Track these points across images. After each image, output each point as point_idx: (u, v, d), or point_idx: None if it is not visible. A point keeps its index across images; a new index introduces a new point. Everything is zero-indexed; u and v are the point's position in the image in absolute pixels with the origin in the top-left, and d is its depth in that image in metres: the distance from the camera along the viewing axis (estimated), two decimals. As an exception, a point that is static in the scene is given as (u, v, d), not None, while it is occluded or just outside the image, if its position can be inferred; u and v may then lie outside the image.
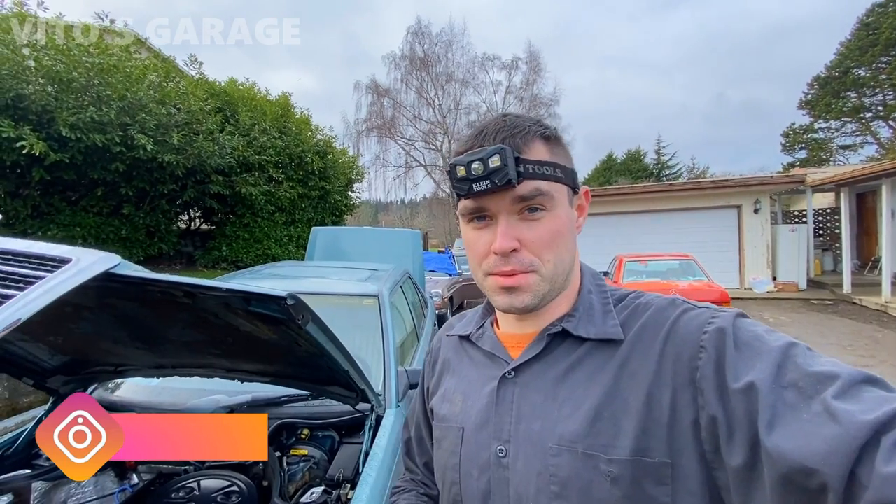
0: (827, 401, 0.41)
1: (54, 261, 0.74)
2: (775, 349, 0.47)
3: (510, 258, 0.59)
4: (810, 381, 0.43)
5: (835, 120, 23.92)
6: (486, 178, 0.56)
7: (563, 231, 0.60)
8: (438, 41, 23.68)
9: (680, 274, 7.01)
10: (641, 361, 0.55)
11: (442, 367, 0.77)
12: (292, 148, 10.71)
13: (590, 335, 0.60)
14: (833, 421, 0.39)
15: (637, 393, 0.54)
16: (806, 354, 0.47)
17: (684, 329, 0.54)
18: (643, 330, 0.58)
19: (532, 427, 0.59)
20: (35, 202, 7.07)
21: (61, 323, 1.27)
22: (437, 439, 0.71)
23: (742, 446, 0.45)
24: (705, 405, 0.49)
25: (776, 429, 0.42)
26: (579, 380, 0.58)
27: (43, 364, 1.49)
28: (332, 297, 2.54)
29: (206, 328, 1.23)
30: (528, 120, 0.62)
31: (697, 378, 0.50)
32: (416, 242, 5.06)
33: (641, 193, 12.49)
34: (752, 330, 0.51)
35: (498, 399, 0.63)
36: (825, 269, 13.74)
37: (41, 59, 6.11)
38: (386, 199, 28.77)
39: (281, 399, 1.73)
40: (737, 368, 0.47)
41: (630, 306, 0.62)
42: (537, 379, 0.61)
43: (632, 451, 0.52)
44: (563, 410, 0.57)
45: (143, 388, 1.89)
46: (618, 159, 34.35)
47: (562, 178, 0.60)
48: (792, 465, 0.39)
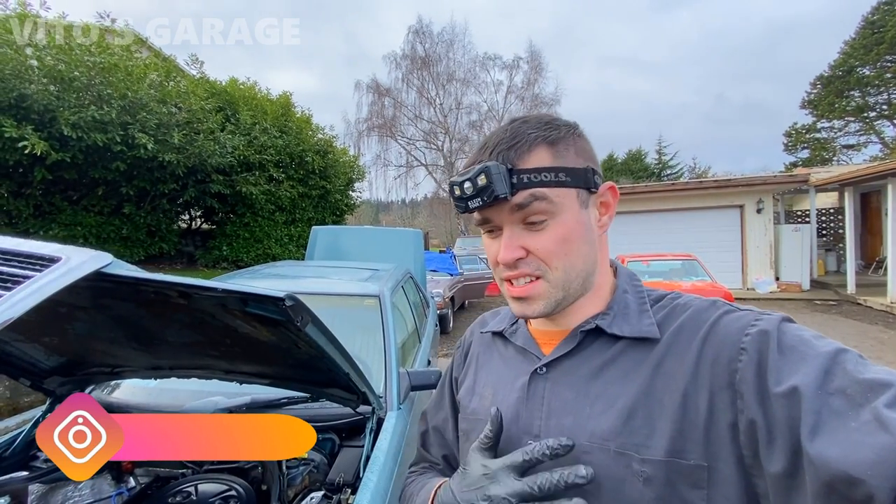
0: (878, 409, 0.39)
1: (43, 259, 0.71)
2: (823, 354, 0.45)
3: (517, 265, 0.60)
4: (860, 389, 0.41)
5: (838, 119, 23.81)
6: (477, 196, 0.58)
7: (570, 237, 0.59)
8: (440, 40, 23.70)
9: (683, 274, 6.98)
10: (678, 362, 0.54)
11: (471, 361, 0.78)
12: (293, 147, 10.71)
13: (624, 333, 0.59)
14: (883, 430, 0.37)
15: (673, 393, 0.53)
16: (857, 361, 0.44)
17: (724, 331, 0.53)
18: (681, 330, 0.57)
19: (563, 423, 0.58)
20: (37, 202, 7.08)
21: (56, 323, 1.25)
22: (465, 431, 0.71)
23: (782, 452, 0.43)
24: (745, 409, 0.47)
25: (820, 435, 0.40)
26: (613, 377, 0.58)
27: (39, 365, 1.46)
28: (332, 297, 2.51)
29: (204, 329, 1.21)
30: (534, 125, 0.61)
31: (737, 381, 0.49)
32: (417, 242, 5.03)
33: (643, 193, 12.44)
34: (798, 334, 0.49)
35: (529, 394, 0.63)
36: (829, 270, 13.69)
37: (43, 58, 6.11)
38: (387, 199, 28.80)
39: (280, 401, 1.70)
40: (780, 372, 0.46)
41: (668, 306, 0.61)
42: (569, 375, 0.61)
43: (666, 452, 0.50)
44: (596, 407, 0.57)
45: (141, 389, 1.87)
46: (619, 159, 34.25)
47: (566, 182, 0.59)
48: (836, 474, 0.38)
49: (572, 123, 0.64)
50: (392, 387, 1.89)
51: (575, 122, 0.65)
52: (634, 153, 33.76)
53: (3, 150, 5.83)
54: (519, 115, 0.68)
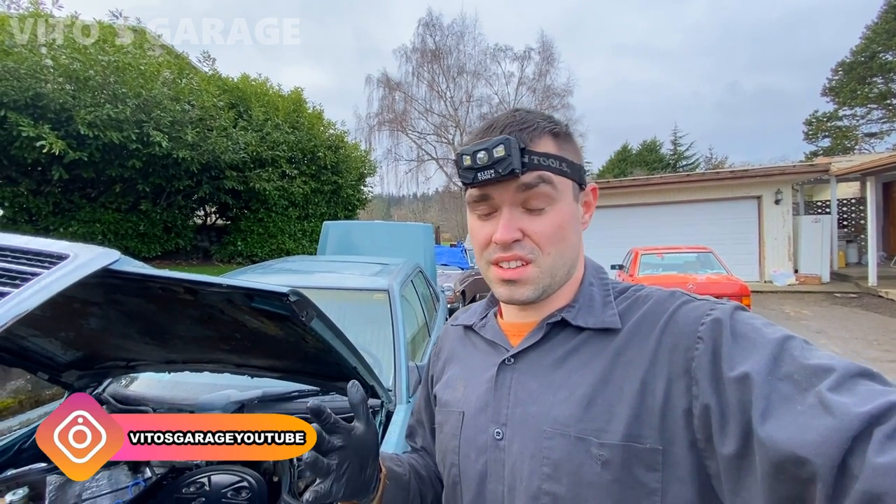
0: (822, 393, 0.41)
1: (52, 257, 0.73)
2: (772, 341, 0.48)
3: (512, 247, 0.61)
4: (806, 374, 0.44)
5: (860, 106, 23.12)
6: (490, 168, 0.58)
7: (565, 226, 0.62)
8: (450, 33, 23.49)
9: (698, 267, 6.86)
10: (638, 350, 0.56)
11: (446, 357, 0.80)
12: (305, 143, 10.77)
13: (588, 325, 0.62)
14: (827, 412, 0.39)
15: (631, 381, 0.55)
16: (803, 347, 0.47)
17: (682, 320, 0.55)
18: (642, 320, 0.59)
19: (528, 411, 0.61)
20: (56, 199, 7.23)
21: (71, 319, 1.27)
22: (439, 423, 0.74)
23: (735, 435, 0.45)
24: (699, 394, 0.49)
25: (770, 419, 0.42)
26: (575, 366, 0.60)
27: (57, 359, 1.50)
28: (342, 291, 2.53)
29: (214, 324, 1.22)
30: (539, 116, 0.63)
31: (693, 367, 0.51)
32: (427, 236, 5.03)
33: (657, 185, 12.25)
34: (750, 322, 0.52)
35: (497, 384, 0.65)
36: (850, 262, 13.35)
37: (58, 57, 6.21)
38: (398, 193, 28.81)
39: (291, 394, 1.72)
40: (732, 358, 0.48)
41: (630, 298, 0.63)
42: (535, 365, 0.63)
43: (623, 437, 0.53)
44: (558, 395, 0.59)
45: (156, 382, 1.91)
46: (633, 150, 33.79)
47: (567, 173, 0.61)
48: (784, 455, 0.40)
49: (566, 124, 0.67)
50: (401, 380, 1.90)
51: (567, 124, 0.68)
52: (649, 144, 33.25)
53: (21, 149, 5.96)
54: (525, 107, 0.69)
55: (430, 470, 0.81)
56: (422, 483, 0.77)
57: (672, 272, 6.72)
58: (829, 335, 6.45)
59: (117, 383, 1.90)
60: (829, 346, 5.94)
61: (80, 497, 1.48)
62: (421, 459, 0.83)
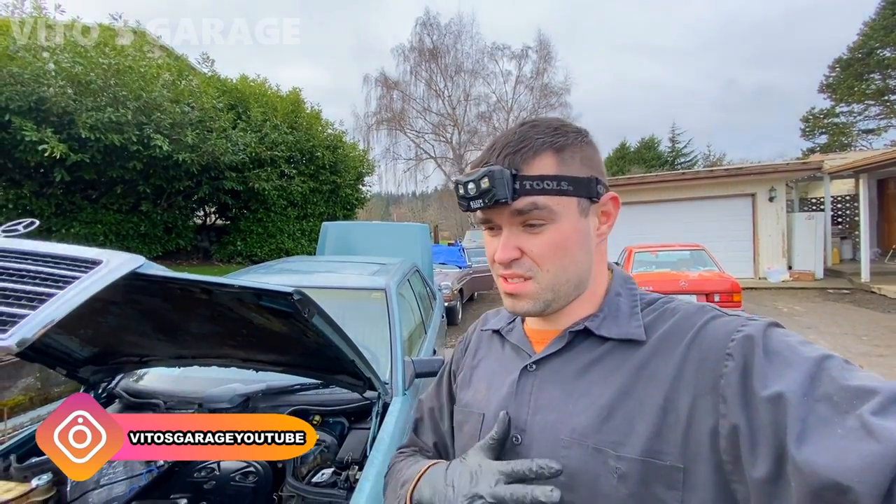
0: (864, 417, 0.39)
1: (87, 262, 0.84)
2: (809, 360, 0.46)
3: (511, 265, 0.62)
4: (846, 396, 0.42)
5: (857, 103, 23.25)
6: (479, 198, 0.60)
7: (566, 243, 0.61)
8: (447, 32, 23.58)
9: (690, 264, 6.98)
10: (662, 364, 0.55)
11: (470, 356, 0.81)
12: (303, 143, 10.85)
13: (612, 335, 0.61)
14: (870, 437, 0.38)
15: (654, 395, 0.54)
16: (842, 367, 0.45)
17: (711, 335, 0.54)
18: (668, 333, 0.58)
19: (547, 419, 0.61)
20: (58, 201, 7.33)
21: (91, 317, 1.38)
22: (459, 423, 0.75)
23: (766, 458, 0.43)
24: (727, 413, 0.48)
25: (807, 442, 0.41)
26: (597, 377, 0.59)
27: (74, 355, 1.61)
28: (341, 290, 2.64)
29: (223, 321, 1.33)
30: (543, 130, 0.62)
31: (721, 385, 0.49)
32: (424, 236, 5.14)
33: (653, 183, 12.36)
34: (785, 340, 0.50)
35: (518, 389, 0.65)
36: (844, 258, 13.48)
37: (60, 62, 6.30)
38: (397, 192, 28.93)
39: (294, 387, 1.83)
40: (765, 377, 0.46)
41: (658, 310, 0.63)
42: (556, 373, 0.63)
43: (642, 452, 0.52)
44: (578, 405, 0.59)
45: (166, 377, 2.02)
46: (631, 148, 33.87)
47: (568, 191, 0.60)
48: (823, 481, 0.38)
49: (582, 130, 0.65)
50: (397, 374, 2.01)
51: (585, 130, 0.66)
52: (647, 141, 33.33)
53: (24, 152, 6.05)
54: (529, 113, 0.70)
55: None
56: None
57: (665, 269, 6.83)
58: (819, 331, 6.58)
59: (129, 378, 2.01)
60: (819, 341, 6.06)
61: (98, 483, 1.59)
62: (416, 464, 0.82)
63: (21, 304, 0.73)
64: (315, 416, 1.80)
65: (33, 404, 3.75)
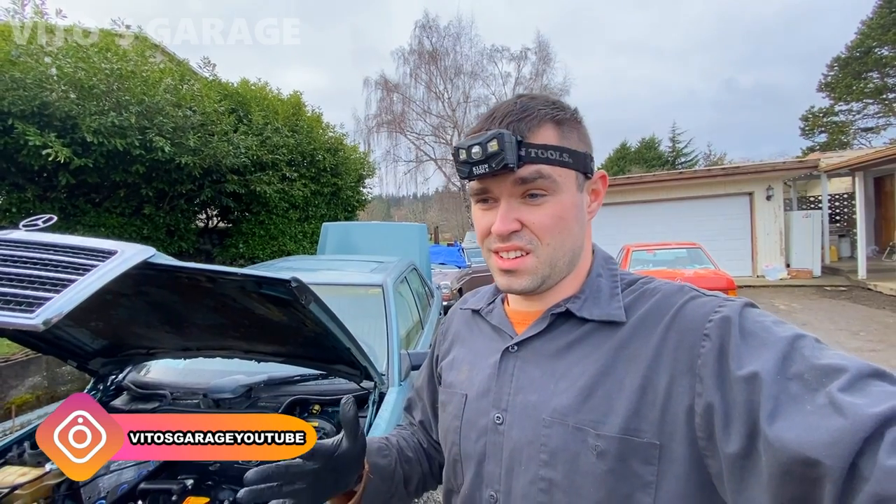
0: (832, 393, 0.41)
1: (104, 252, 0.92)
2: (782, 340, 0.48)
3: (510, 237, 0.61)
4: (816, 374, 0.43)
5: (856, 102, 23.31)
6: (485, 163, 0.58)
7: (566, 216, 0.61)
8: (446, 34, 23.69)
9: (687, 262, 7.06)
10: (642, 344, 0.56)
11: (453, 338, 0.82)
12: (304, 146, 10.94)
13: (592, 316, 0.62)
14: (838, 413, 0.39)
15: (633, 375, 0.55)
16: (813, 346, 0.47)
17: (689, 316, 0.55)
18: (647, 314, 0.59)
19: (528, 399, 0.62)
20: (62, 204, 7.42)
21: (102, 309, 1.46)
22: (443, 403, 0.76)
23: (739, 434, 0.45)
24: (703, 392, 0.49)
25: (779, 419, 0.42)
26: (577, 357, 0.60)
27: (85, 347, 1.69)
28: (340, 287, 2.72)
29: (226, 312, 1.41)
30: (542, 102, 0.62)
31: (698, 365, 0.51)
32: (422, 235, 5.22)
33: (652, 182, 12.44)
34: (759, 320, 0.51)
35: (499, 370, 0.67)
36: (842, 256, 13.54)
37: (62, 66, 6.40)
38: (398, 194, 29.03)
39: (294, 378, 1.91)
40: (740, 357, 0.48)
41: (638, 290, 0.63)
42: (537, 354, 0.64)
43: (621, 430, 0.53)
44: (559, 385, 0.60)
45: (172, 369, 2.10)
46: (631, 148, 33.96)
47: (569, 163, 0.60)
48: (793, 455, 0.40)
49: (574, 109, 0.66)
50: (394, 366, 2.09)
51: (576, 108, 0.66)
52: (647, 141, 33.43)
53: (28, 157, 6.14)
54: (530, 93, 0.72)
55: (420, 448, 0.86)
56: (409, 466, 0.80)
57: (662, 268, 6.91)
58: (814, 327, 6.64)
59: (136, 371, 2.09)
60: (814, 337, 6.13)
61: (108, 467, 1.67)
62: (413, 437, 0.87)
63: (46, 289, 0.81)
64: (315, 405, 1.88)
65: (40, 402, 3.83)
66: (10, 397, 3.70)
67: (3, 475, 1.43)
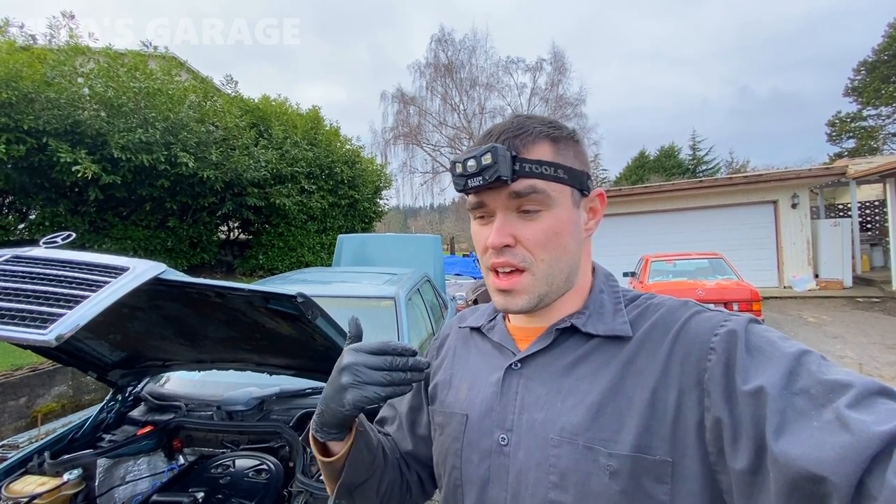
0: (839, 410, 0.40)
1: (116, 269, 0.95)
2: (788, 355, 0.47)
3: (504, 252, 0.61)
4: (823, 390, 0.43)
5: (885, 106, 22.59)
6: (479, 175, 0.59)
7: (560, 231, 0.61)
8: (462, 47, 23.94)
9: (709, 273, 6.87)
10: (648, 360, 0.56)
11: (447, 354, 0.79)
12: (322, 159, 11.16)
13: (598, 332, 0.61)
14: (844, 430, 0.39)
15: (642, 390, 0.54)
16: (819, 363, 0.46)
17: (695, 330, 0.55)
18: (653, 329, 0.58)
19: (535, 417, 0.60)
20: (92, 218, 7.71)
21: (119, 322, 1.51)
22: (440, 425, 0.72)
23: (747, 450, 0.45)
24: (711, 406, 0.49)
25: (785, 435, 0.42)
26: (584, 374, 0.59)
27: (104, 359, 1.74)
28: (353, 299, 2.74)
29: (237, 326, 1.44)
30: (539, 121, 0.63)
31: (705, 379, 0.50)
32: (436, 247, 5.23)
33: (671, 191, 12.22)
34: (765, 335, 0.51)
35: (503, 389, 0.64)
36: (875, 265, 13.00)
37: (94, 86, 6.70)
38: (414, 205, 29.22)
39: (305, 391, 1.92)
40: (746, 371, 0.48)
41: (641, 306, 0.63)
42: (542, 371, 0.62)
43: (632, 448, 0.52)
44: (567, 403, 0.58)
45: (187, 381, 2.14)
46: (650, 156, 33.56)
47: (564, 179, 0.60)
48: (800, 472, 0.39)
49: (572, 128, 0.66)
50: (405, 379, 2.08)
51: (574, 128, 0.67)
52: (667, 150, 33.01)
53: (60, 173, 6.41)
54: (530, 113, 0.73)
55: (394, 455, 0.79)
56: (385, 460, 0.75)
57: (682, 279, 6.75)
58: (846, 340, 6.37)
59: (153, 383, 2.13)
60: (845, 350, 5.88)
61: (124, 479, 1.70)
62: (388, 442, 0.80)
63: (59, 305, 0.84)
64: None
65: (65, 411, 3.94)
66: (36, 405, 3.82)
67: (23, 485, 1.47)
